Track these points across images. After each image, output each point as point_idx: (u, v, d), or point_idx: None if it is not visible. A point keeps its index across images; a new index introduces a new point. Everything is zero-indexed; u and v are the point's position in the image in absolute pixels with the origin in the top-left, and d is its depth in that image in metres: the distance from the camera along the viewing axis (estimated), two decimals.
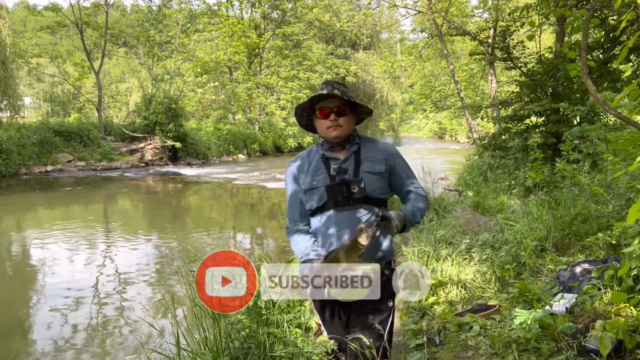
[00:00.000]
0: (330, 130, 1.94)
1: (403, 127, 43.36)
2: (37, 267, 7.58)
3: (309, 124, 2.09)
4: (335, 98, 1.94)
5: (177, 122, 23.66)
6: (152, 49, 27.10)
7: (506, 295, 3.90)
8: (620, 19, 2.27)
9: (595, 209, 4.58)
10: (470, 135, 17.01)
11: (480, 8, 18.43)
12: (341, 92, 1.92)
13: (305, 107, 2.02)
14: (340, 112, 1.94)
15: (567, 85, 8.44)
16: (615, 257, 3.51)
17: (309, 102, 1.99)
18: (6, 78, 20.11)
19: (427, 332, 3.32)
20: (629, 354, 2.46)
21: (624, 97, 1.99)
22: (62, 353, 4.64)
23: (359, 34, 29.50)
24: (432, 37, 17.60)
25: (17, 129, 19.83)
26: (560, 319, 3.02)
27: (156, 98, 23.73)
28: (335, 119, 1.93)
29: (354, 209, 1.92)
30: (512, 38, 10.03)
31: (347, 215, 1.92)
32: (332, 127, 1.93)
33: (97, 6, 29.18)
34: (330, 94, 1.92)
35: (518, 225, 5.17)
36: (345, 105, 1.95)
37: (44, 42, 49.33)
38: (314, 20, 31.64)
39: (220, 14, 31.35)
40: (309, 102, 2.00)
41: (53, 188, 16.63)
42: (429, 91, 25.65)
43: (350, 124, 1.99)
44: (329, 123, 1.93)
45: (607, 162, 4.61)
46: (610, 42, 7.61)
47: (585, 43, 2.04)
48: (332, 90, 1.94)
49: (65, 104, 35.15)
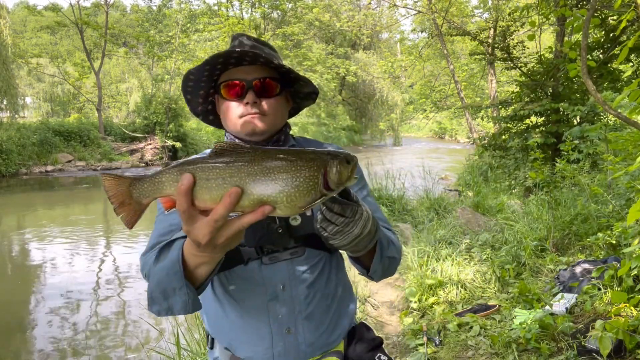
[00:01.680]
0: (246, 120, 1.13)
1: (403, 127, 43.33)
2: (37, 267, 7.58)
3: (209, 111, 1.28)
4: (254, 64, 1.14)
5: (177, 122, 23.68)
6: (152, 49, 27.10)
7: (506, 295, 3.90)
8: (620, 19, 2.27)
9: (595, 209, 4.59)
10: (470, 135, 17.01)
11: (480, 8, 18.44)
12: (265, 55, 1.11)
13: (199, 77, 1.17)
14: (265, 89, 1.14)
15: (567, 85, 8.44)
16: (615, 257, 3.51)
17: (206, 68, 1.14)
18: (6, 78, 20.10)
19: (427, 332, 3.33)
20: (629, 354, 2.46)
21: (625, 97, 1.99)
22: (62, 353, 4.64)
23: (359, 34, 29.52)
24: (432, 37, 17.61)
25: (17, 129, 19.83)
26: (560, 319, 3.02)
27: (156, 98, 23.74)
28: (254, 101, 1.12)
29: (292, 258, 1.15)
30: (512, 38, 10.04)
31: (281, 271, 1.15)
32: (248, 114, 1.13)
33: (97, 6, 29.20)
34: (244, 54, 1.09)
35: (518, 225, 5.17)
36: (272, 78, 1.15)
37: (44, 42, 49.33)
38: (314, 20, 31.64)
39: (220, 14, 31.35)
40: (207, 70, 1.15)
41: (53, 188, 16.63)
42: (429, 91, 25.65)
43: (280, 111, 1.19)
44: (243, 108, 1.13)
45: (607, 162, 4.61)
46: (610, 42, 7.61)
47: (586, 43, 2.04)
48: (248, 48, 1.14)
49: (65, 104, 35.15)
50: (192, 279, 0.96)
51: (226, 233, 0.78)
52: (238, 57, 1.11)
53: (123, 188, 0.82)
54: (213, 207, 0.76)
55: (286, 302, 1.15)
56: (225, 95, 1.16)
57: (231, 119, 1.16)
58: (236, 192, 0.74)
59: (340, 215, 0.93)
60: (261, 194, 0.76)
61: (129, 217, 0.84)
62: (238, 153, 0.77)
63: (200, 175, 0.76)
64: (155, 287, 0.99)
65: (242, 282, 1.15)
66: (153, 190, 0.81)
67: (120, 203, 0.83)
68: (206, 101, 1.26)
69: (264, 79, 1.14)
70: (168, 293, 0.97)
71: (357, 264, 1.17)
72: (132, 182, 0.82)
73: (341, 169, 0.82)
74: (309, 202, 0.79)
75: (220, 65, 1.14)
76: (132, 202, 0.82)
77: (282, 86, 1.19)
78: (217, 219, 0.75)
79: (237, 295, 1.16)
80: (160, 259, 1.04)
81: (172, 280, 0.95)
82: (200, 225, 0.77)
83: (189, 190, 0.75)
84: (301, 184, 0.78)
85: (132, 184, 0.82)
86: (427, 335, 3.25)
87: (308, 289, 1.17)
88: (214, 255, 0.89)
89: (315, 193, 0.80)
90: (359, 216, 0.95)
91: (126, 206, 0.83)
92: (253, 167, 0.76)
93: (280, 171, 0.77)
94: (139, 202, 0.83)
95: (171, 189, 0.79)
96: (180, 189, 0.75)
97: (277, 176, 0.77)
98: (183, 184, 0.75)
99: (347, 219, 0.94)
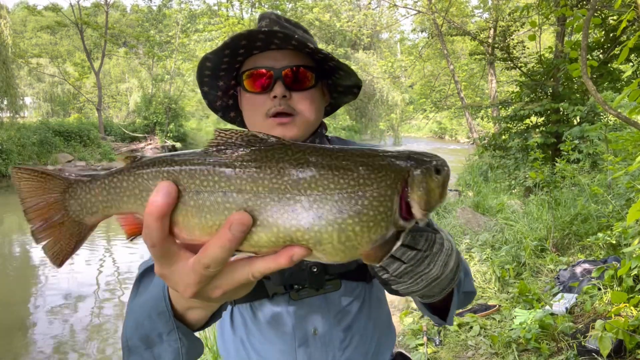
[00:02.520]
0: (272, 126, 0.91)
1: (403, 127, 43.35)
2: (37, 267, 7.58)
3: (229, 106, 1.06)
4: (284, 48, 0.91)
5: (177, 122, 23.72)
6: (152, 49, 27.13)
7: (506, 295, 3.90)
8: (620, 19, 2.27)
9: (595, 209, 4.59)
10: (470, 135, 17.01)
11: (480, 8, 18.45)
12: (298, 36, 0.88)
13: (217, 65, 0.94)
14: (297, 79, 0.92)
15: (567, 85, 8.45)
16: (615, 257, 3.51)
17: (225, 53, 0.91)
18: (6, 78, 20.10)
19: (427, 332, 3.33)
20: (629, 354, 2.46)
21: (625, 97, 1.99)
22: (62, 353, 4.64)
23: (359, 34, 29.51)
24: (432, 37, 17.61)
25: (17, 129, 19.85)
26: (560, 319, 3.02)
27: (156, 98, 23.77)
28: (284, 94, 0.90)
29: (325, 292, 0.94)
30: (512, 38, 10.04)
31: (313, 310, 0.95)
32: (275, 113, 0.90)
33: (97, 6, 29.21)
34: (271, 34, 0.85)
35: (518, 225, 5.17)
36: (306, 67, 0.93)
37: (44, 42, 49.34)
38: (314, 20, 31.64)
39: (220, 14, 31.34)
40: (226, 56, 0.92)
41: None
42: (429, 91, 25.66)
43: (315, 107, 0.95)
44: (270, 103, 0.91)
45: (607, 162, 4.61)
46: (610, 42, 7.61)
47: (586, 43, 2.04)
48: (276, 27, 0.94)
49: (65, 104, 35.16)
50: (185, 320, 0.67)
51: (224, 285, 0.48)
52: (265, 39, 0.87)
53: (54, 194, 0.50)
54: (203, 240, 0.45)
55: (318, 349, 0.94)
56: (248, 87, 0.93)
57: (255, 117, 0.93)
58: (243, 221, 0.43)
59: (410, 249, 0.65)
60: (289, 225, 0.44)
61: (59, 246, 0.51)
62: (253, 150, 0.46)
63: (186, 183, 0.45)
64: (133, 331, 0.71)
65: (267, 322, 0.95)
66: (106, 202, 0.48)
67: (44, 221, 0.50)
68: (226, 94, 1.03)
69: (297, 67, 0.91)
70: (152, 340, 0.69)
71: (427, 310, 0.89)
72: (71, 185, 0.50)
73: (429, 184, 0.50)
74: (375, 241, 0.46)
75: (243, 50, 0.90)
76: (67, 220, 0.50)
77: (317, 77, 0.95)
78: (209, 264, 0.45)
79: (262, 337, 0.95)
80: (140, 291, 0.76)
81: (155, 323, 0.67)
82: (183, 269, 0.47)
83: (167, 209, 0.44)
84: (364, 210, 0.45)
85: (69, 189, 0.49)
86: (427, 335, 3.25)
87: (344, 333, 0.96)
88: (207, 304, 0.62)
89: (387, 226, 0.47)
90: (437, 248, 0.67)
91: (56, 227, 0.50)
92: (277, 177, 0.45)
93: (325, 186, 0.45)
94: (78, 222, 0.51)
95: (136, 202, 0.47)
96: (152, 206, 0.44)
97: (320, 195, 0.45)
98: (157, 198, 0.44)
99: (421, 253, 0.66)
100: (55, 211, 0.50)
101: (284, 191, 0.44)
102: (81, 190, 0.49)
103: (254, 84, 0.92)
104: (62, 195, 0.50)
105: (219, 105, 1.04)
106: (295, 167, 0.45)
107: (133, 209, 0.48)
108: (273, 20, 0.97)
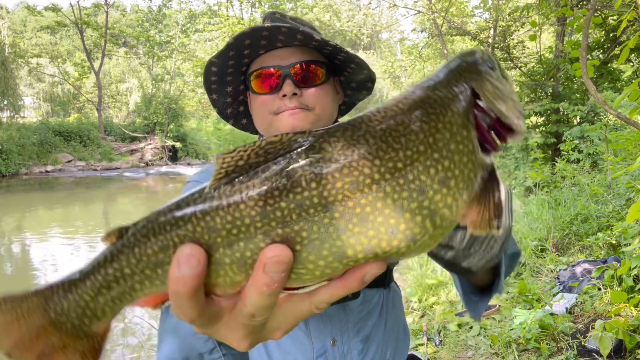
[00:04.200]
0: (283, 115, 0.87)
1: None
2: (37, 267, 7.58)
3: (240, 113, 1.02)
4: (290, 45, 0.88)
5: (177, 122, 23.73)
6: (152, 49, 27.14)
7: (506, 295, 3.90)
8: (620, 19, 2.27)
9: (595, 209, 4.59)
10: None
11: (480, 8, 18.45)
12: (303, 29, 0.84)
13: (224, 69, 0.92)
14: (307, 76, 0.88)
15: (567, 85, 8.46)
16: (615, 257, 3.52)
17: (230, 55, 0.89)
18: (6, 78, 20.12)
19: (427, 332, 3.33)
20: (629, 354, 2.46)
21: (625, 97, 1.99)
22: None
23: (359, 34, 29.53)
24: (432, 37, 17.62)
25: (17, 129, 19.86)
26: (560, 319, 3.02)
27: (156, 98, 23.79)
28: (294, 92, 0.86)
29: (344, 301, 0.92)
30: (512, 38, 10.05)
31: (331, 320, 0.93)
32: (286, 111, 0.86)
33: (97, 6, 29.21)
34: (275, 30, 0.82)
35: (518, 225, 5.18)
36: (316, 63, 0.89)
37: (44, 42, 49.33)
38: (314, 20, 31.67)
39: (220, 14, 31.36)
40: (232, 58, 0.90)
41: (53, 188, 16.64)
42: None
43: (329, 104, 0.91)
44: (279, 103, 0.87)
45: (607, 162, 4.62)
46: (610, 42, 7.62)
47: (586, 43, 2.04)
48: (281, 24, 0.83)
49: (65, 104, 35.16)
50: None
51: (284, 325, 0.41)
52: (269, 37, 0.83)
53: (33, 321, 0.37)
54: (243, 286, 0.36)
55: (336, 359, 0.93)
56: (256, 88, 0.88)
57: (264, 119, 0.87)
58: (280, 259, 0.34)
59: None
60: (360, 242, 0.34)
61: None
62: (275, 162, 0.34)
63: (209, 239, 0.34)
64: (177, 353, 0.67)
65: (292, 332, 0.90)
66: (113, 301, 0.37)
67: (39, 356, 0.37)
68: (236, 100, 0.98)
69: (306, 63, 0.86)
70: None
71: (472, 294, 0.79)
72: (50, 297, 0.37)
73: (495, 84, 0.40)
74: (471, 200, 0.37)
75: (248, 51, 0.87)
76: (68, 339, 0.38)
77: (328, 73, 0.90)
78: (253, 314, 0.37)
79: (279, 347, 0.92)
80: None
81: (197, 341, 0.64)
82: (228, 325, 0.39)
83: (199, 282, 0.34)
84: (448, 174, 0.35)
85: (49, 302, 0.37)
86: (427, 335, 3.25)
87: (363, 343, 0.93)
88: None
89: (476, 173, 0.37)
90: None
91: (59, 354, 0.38)
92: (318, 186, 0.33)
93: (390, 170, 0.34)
94: (83, 335, 0.39)
95: (153, 284, 0.36)
96: (179, 284, 0.34)
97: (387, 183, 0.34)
98: (183, 272, 0.34)
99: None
100: (46, 337, 0.37)
101: (332, 202, 0.33)
102: (65, 300, 0.37)
103: (262, 84, 0.88)
104: (43, 314, 0.37)
105: (229, 112, 1.01)
106: (340, 167, 0.33)
107: (149, 292, 0.37)
108: (277, 18, 0.93)
